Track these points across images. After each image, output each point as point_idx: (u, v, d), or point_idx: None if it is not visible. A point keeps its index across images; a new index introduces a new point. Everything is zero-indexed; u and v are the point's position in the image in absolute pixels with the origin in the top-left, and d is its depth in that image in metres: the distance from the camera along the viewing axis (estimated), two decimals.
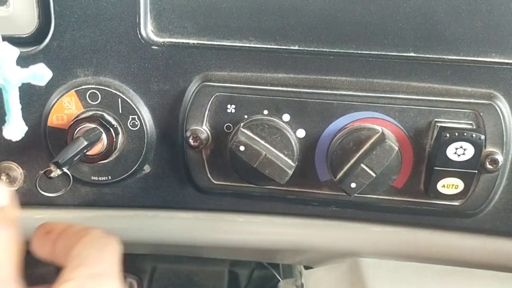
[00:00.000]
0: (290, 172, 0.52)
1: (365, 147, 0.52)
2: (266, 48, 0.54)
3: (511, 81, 0.52)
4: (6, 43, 0.42)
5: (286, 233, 0.62)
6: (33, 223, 0.62)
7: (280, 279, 0.97)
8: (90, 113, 0.55)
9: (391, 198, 0.56)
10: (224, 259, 1.20)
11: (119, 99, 0.55)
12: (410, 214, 0.58)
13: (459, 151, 0.50)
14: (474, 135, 0.50)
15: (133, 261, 1.20)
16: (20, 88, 0.43)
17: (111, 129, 0.54)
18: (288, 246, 0.63)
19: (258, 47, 0.54)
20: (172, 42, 0.54)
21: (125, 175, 0.58)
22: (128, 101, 0.55)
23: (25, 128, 0.44)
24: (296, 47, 0.54)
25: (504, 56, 0.52)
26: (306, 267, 0.72)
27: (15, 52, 0.42)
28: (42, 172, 0.51)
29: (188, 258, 1.20)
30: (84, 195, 0.60)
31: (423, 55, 0.52)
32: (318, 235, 0.61)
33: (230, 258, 1.16)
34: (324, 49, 0.53)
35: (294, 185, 0.57)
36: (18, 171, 0.59)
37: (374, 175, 0.51)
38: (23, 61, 0.52)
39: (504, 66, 0.52)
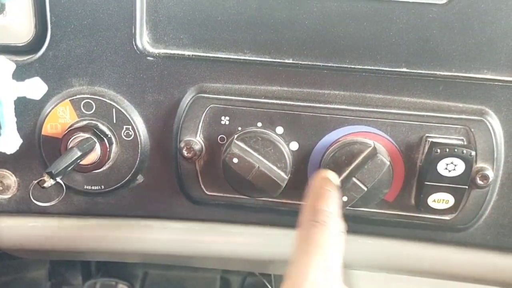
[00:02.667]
0: (283, 184, 0.53)
1: (357, 161, 0.52)
2: (261, 61, 0.54)
3: (502, 98, 0.53)
4: (2, 57, 0.42)
5: (279, 244, 0.62)
6: (26, 231, 0.62)
7: None
8: (84, 122, 0.55)
9: (382, 211, 0.57)
10: None
11: (114, 109, 0.55)
12: (401, 227, 0.58)
13: (450, 167, 0.51)
14: (465, 151, 0.50)
15: (125, 267, 1.20)
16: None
17: (105, 139, 0.54)
18: (280, 257, 0.63)
19: (253, 60, 0.54)
20: (168, 53, 0.55)
21: (119, 185, 0.58)
22: (123, 111, 0.56)
23: (20, 141, 0.44)
24: (290, 61, 0.54)
25: (496, 73, 0.53)
26: None
27: (10, 66, 0.42)
28: (35, 182, 0.51)
29: None
30: (77, 204, 0.60)
31: (415, 71, 0.53)
32: None
33: (222, 268, 1.16)
34: (318, 63, 0.54)
35: (287, 197, 0.57)
36: (11, 179, 0.59)
37: (365, 189, 0.51)
38: (19, 70, 0.52)
39: (496, 83, 0.53)
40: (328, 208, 0.44)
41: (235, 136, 0.54)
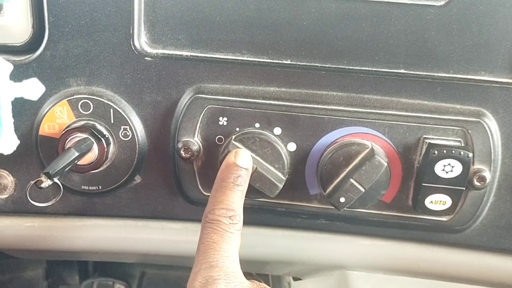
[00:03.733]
0: (281, 185, 0.53)
1: (354, 162, 0.52)
2: (259, 61, 0.54)
3: (499, 100, 0.53)
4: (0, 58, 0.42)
5: (276, 245, 0.62)
6: (23, 231, 0.62)
7: None
8: (82, 122, 0.55)
9: (379, 212, 0.57)
10: None
11: (111, 109, 0.55)
12: (398, 228, 0.59)
13: (447, 168, 0.51)
14: (462, 153, 0.50)
15: (122, 266, 1.19)
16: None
17: (102, 139, 0.54)
18: (277, 258, 0.63)
19: (251, 61, 0.54)
20: (165, 53, 0.55)
21: (116, 185, 0.58)
22: (120, 111, 0.55)
23: (17, 142, 0.44)
24: (289, 62, 0.54)
25: (493, 74, 0.53)
26: (295, 279, 0.72)
27: (8, 67, 0.42)
28: (33, 182, 0.51)
29: None
30: (75, 204, 0.60)
31: (413, 72, 0.53)
32: (307, 247, 0.62)
33: None
34: (316, 64, 0.54)
35: (284, 197, 0.57)
36: (8, 179, 0.59)
37: (363, 190, 0.51)
38: (16, 70, 0.52)
39: (493, 85, 0.53)
40: (221, 204, 0.46)
41: (233, 136, 0.54)
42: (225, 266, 0.43)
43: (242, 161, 0.49)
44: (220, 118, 0.55)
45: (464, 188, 0.52)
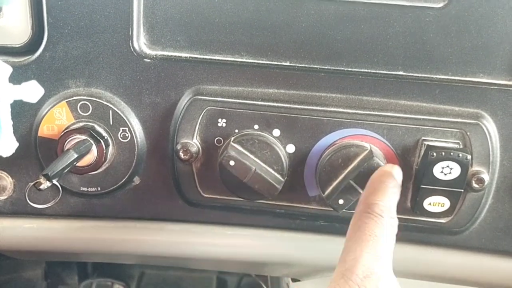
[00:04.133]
0: (279, 187, 0.53)
1: (353, 164, 0.52)
2: (258, 63, 0.54)
3: (498, 102, 0.53)
4: None
5: (274, 246, 0.62)
6: (22, 232, 0.62)
7: None
8: (81, 124, 0.55)
9: None
10: None
11: (110, 111, 0.55)
12: (397, 230, 0.58)
13: (446, 170, 0.51)
14: (460, 155, 0.51)
15: (121, 267, 1.19)
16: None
17: (101, 140, 0.54)
18: (276, 259, 0.63)
19: (250, 62, 0.54)
20: (164, 55, 0.55)
21: (115, 187, 0.58)
22: (119, 113, 0.55)
23: (16, 144, 0.44)
24: (288, 63, 0.54)
25: (492, 76, 0.53)
26: (294, 280, 0.72)
27: (7, 69, 0.42)
28: (31, 184, 0.51)
29: None
30: (73, 206, 0.60)
31: (412, 74, 0.53)
32: (306, 249, 0.62)
33: (218, 270, 1.16)
34: (315, 66, 0.54)
35: (283, 199, 0.57)
36: (7, 180, 0.59)
37: (361, 192, 0.51)
38: (15, 71, 0.52)
39: (492, 87, 0.53)
40: (384, 202, 0.45)
41: (232, 138, 0.54)
42: (387, 265, 0.43)
43: (397, 174, 0.49)
44: (219, 120, 0.55)
45: (462, 190, 0.52)
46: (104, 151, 0.55)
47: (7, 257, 0.81)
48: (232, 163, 0.52)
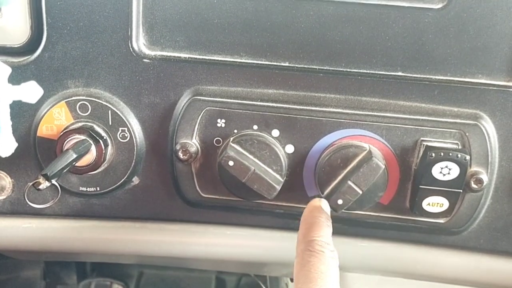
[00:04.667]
0: (278, 187, 0.53)
1: (352, 164, 0.52)
2: (257, 64, 0.54)
3: (496, 102, 0.53)
4: None
5: (274, 246, 0.62)
6: (21, 232, 0.62)
7: None
8: (80, 124, 0.55)
9: (377, 214, 0.57)
10: None
11: (109, 111, 0.55)
12: (396, 230, 0.59)
13: (445, 171, 0.51)
14: (459, 155, 0.51)
15: (120, 266, 1.19)
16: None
17: (100, 140, 0.54)
18: (275, 259, 0.63)
19: (249, 63, 0.54)
20: (164, 55, 0.55)
21: (114, 187, 0.58)
22: (118, 113, 0.55)
23: (15, 144, 0.44)
24: (287, 64, 0.54)
25: (491, 77, 0.53)
26: (293, 280, 0.72)
27: (6, 70, 0.42)
28: (30, 184, 0.51)
29: None
30: (72, 206, 0.60)
31: (411, 75, 0.53)
32: None
33: (217, 270, 1.16)
34: (314, 67, 0.54)
35: (282, 199, 0.57)
36: (6, 180, 0.59)
37: (360, 192, 0.51)
38: (14, 71, 0.52)
39: (490, 88, 0.53)
40: (321, 237, 0.47)
41: (231, 138, 0.54)
42: None
43: (326, 206, 0.52)
44: (218, 120, 0.55)
45: (461, 191, 0.52)
46: (103, 151, 0.55)
47: (6, 256, 0.81)
48: (231, 163, 0.52)
